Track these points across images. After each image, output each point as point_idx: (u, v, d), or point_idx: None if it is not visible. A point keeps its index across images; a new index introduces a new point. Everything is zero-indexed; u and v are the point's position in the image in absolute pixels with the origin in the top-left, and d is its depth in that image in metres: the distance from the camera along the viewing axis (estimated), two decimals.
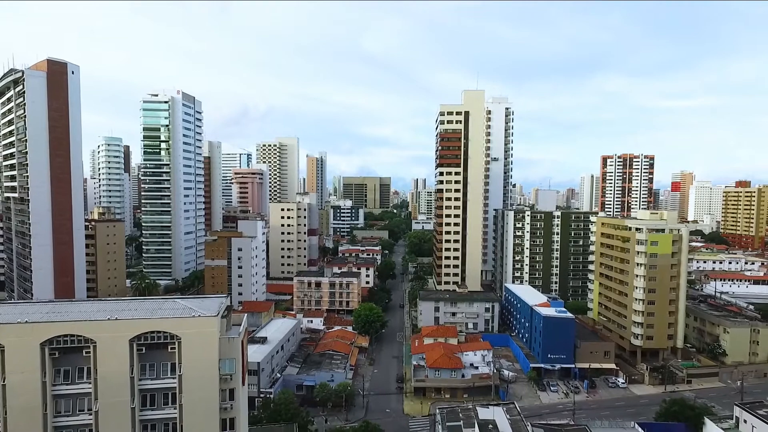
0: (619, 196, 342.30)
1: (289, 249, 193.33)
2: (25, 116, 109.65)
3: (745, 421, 74.65)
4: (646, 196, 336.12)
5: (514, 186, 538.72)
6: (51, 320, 39.07)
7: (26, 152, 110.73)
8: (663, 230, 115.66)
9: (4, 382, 37.53)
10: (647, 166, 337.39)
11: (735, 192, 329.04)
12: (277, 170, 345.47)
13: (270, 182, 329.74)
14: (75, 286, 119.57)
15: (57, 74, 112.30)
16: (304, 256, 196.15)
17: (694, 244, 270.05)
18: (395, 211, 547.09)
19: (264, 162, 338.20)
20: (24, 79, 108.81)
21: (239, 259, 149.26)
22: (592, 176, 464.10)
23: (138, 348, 40.08)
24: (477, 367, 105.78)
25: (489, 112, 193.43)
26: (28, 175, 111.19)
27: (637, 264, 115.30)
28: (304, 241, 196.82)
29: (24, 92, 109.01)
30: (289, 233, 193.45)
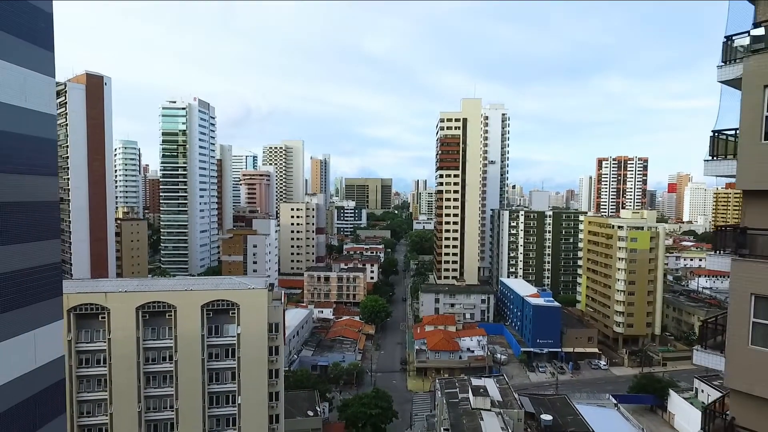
0: (614, 197, 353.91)
1: (298, 246, 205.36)
2: (66, 124, 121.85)
3: (702, 391, 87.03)
4: (639, 197, 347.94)
5: (513, 187, 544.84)
6: (143, 290, 51.13)
7: (67, 157, 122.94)
8: (642, 228, 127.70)
9: (110, 336, 49.62)
10: (641, 168, 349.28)
11: (725, 193, 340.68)
12: (283, 172, 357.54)
13: (276, 183, 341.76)
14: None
15: (94, 86, 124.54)
16: (313, 254, 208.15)
17: (685, 243, 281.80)
18: (396, 212, 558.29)
19: (270, 164, 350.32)
20: (66, 91, 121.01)
21: (254, 255, 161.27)
22: (591, 177, 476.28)
23: (207, 313, 52.17)
24: (473, 351, 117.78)
25: (486, 118, 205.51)
26: (68, 178, 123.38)
27: (619, 258, 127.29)
28: (313, 239, 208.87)
29: (66, 103, 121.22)
30: (298, 231, 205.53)
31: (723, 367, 14.32)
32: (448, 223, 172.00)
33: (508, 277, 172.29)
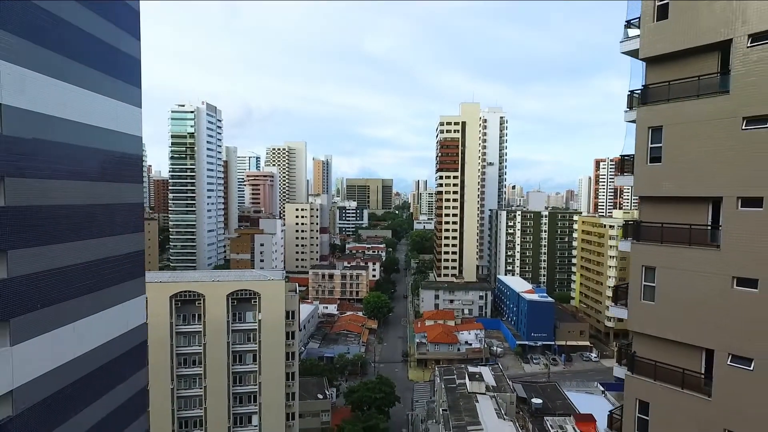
0: (612, 197, 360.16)
1: (302, 245, 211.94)
2: None
3: None
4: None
5: (513, 188, 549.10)
6: (176, 281, 57.76)
7: None
8: None
9: (146, 321, 56.13)
10: None
11: None
12: (286, 173, 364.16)
13: (279, 184, 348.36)
14: None
15: None
16: (317, 252, 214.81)
17: None
18: (397, 212, 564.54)
19: (273, 164, 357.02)
20: None
21: (261, 253, 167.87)
22: (589, 178, 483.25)
23: (232, 301, 58.80)
24: (470, 344, 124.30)
25: (485, 121, 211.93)
26: None
27: (610, 256, 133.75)
28: (317, 238, 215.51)
29: None
30: (302, 231, 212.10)
31: (627, 316, 20.89)
32: (447, 222, 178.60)
33: (506, 274, 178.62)
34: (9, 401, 19.13)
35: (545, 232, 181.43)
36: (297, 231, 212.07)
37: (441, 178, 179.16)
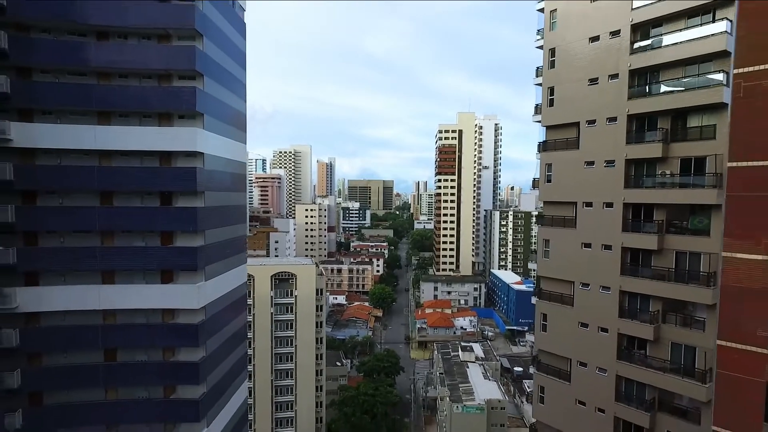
0: None
1: (312, 243, 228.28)
2: None
3: None
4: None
5: (512, 189, 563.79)
6: None
7: None
8: None
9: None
10: None
11: None
12: (292, 174, 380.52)
13: (286, 185, 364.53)
14: None
15: None
16: (325, 249, 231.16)
17: None
18: (398, 212, 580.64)
19: (280, 167, 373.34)
20: None
21: (275, 250, 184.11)
22: None
23: (275, 281, 75.19)
24: (465, 328, 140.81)
25: (480, 128, 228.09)
26: None
27: None
28: (324, 236, 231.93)
29: None
30: (311, 230, 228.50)
31: (536, 267, 37.33)
32: (446, 222, 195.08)
33: (499, 269, 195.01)
34: (203, 312, 35.74)
35: (535, 230, 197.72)
36: (306, 230, 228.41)
37: (440, 181, 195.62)
